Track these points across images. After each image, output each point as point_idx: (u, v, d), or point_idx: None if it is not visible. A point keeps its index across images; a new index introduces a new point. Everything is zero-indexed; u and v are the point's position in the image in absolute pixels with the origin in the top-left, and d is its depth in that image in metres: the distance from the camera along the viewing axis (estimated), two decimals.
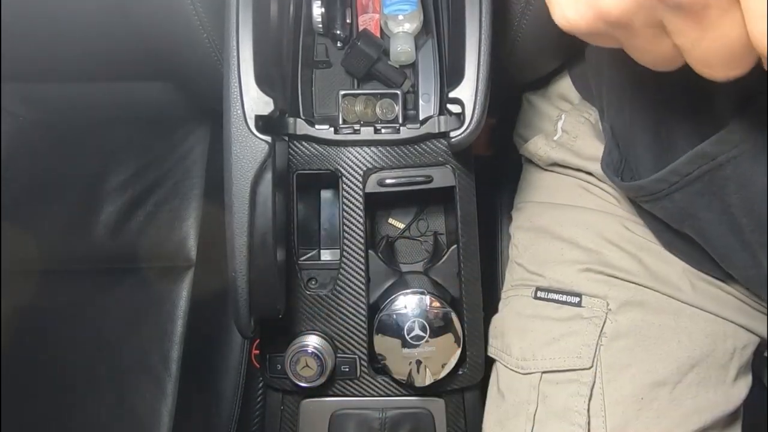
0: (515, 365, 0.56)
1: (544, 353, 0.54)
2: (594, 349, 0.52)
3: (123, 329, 0.87)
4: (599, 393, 0.51)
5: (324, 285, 0.59)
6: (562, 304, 0.55)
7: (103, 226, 0.94)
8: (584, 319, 0.53)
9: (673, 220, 0.48)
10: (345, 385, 0.60)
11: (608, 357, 0.52)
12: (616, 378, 0.51)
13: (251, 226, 0.46)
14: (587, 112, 0.60)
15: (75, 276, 0.91)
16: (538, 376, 0.54)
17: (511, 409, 0.55)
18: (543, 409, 0.53)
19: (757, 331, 0.54)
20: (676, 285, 0.53)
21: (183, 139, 0.98)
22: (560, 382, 0.53)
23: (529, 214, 0.63)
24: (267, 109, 0.47)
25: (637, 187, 0.47)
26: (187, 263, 0.91)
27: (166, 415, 0.83)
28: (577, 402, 0.51)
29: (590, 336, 0.52)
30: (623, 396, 0.51)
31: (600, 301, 0.53)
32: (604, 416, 0.50)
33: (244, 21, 0.46)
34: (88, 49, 0.71)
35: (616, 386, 0.51)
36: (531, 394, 0.53)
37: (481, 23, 0.48)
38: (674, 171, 0.42)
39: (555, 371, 0.53)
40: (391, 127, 0.54)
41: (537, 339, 0.55)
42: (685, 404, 0.50)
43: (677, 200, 0.44)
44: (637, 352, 0.52)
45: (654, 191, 0.45)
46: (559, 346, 0.53)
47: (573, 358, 0.52)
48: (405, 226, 0.64)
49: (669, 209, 0.47)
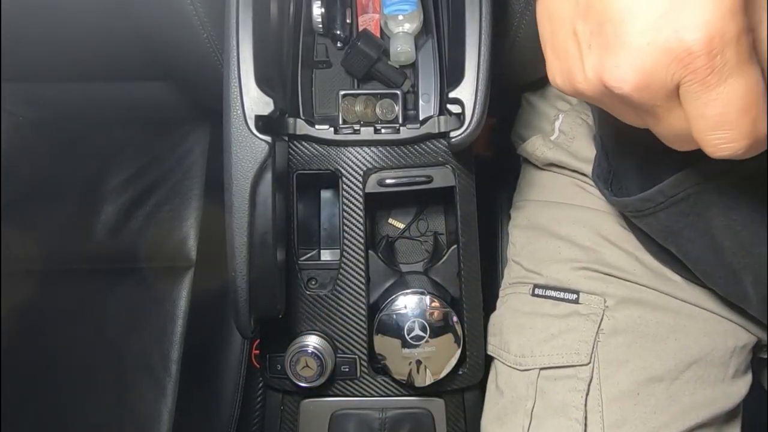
0: (513, 362, 0.56)
1: (542, 350, 0.54)
2: (591, 345, 0.52)
3: (123, 329, 0.87)
4: (596, 388, 0.51)
5: (324, 285, 0.59)
6: (559, 301, 0.55)
7: (103, 226, 0.94)
8: (582, 316, 0.54)
9: (657, 235, 0.49)
10: (345, 385, 0.60)
11: (606, 353, 0.52)
12: (613, 374, 0.51)
13: (251, 226, 0.46)
14: (585, 113, 0.60)
15: (75, 276, 0.91)
16: (536, 373, 0.54)
17: (510, 405, 0.55)
18: (541, 405, 0.53)
19: (754, 331, 0.54)
20: (674, 283, 0.53)
21: (183, 139, 0.98)
22: (558, 378, 0.53)
23: (527, 213, 0.63)
24: (267, 109, 0.47)
25: (624, 204, 0.48)
26: (187, 263, 0.91)
27: (166, 415, 0.83)
28: (575, 397, 0.51)
29: (588, 332, 0.53)
30: (620, 391, 0.51)
31: (597, 298, 0.54)
32: (601, 411, 0.51)
33: (244, 21, 0.46)
34: (88, 49, 0.71)
35: (613, 382, 0.51)
36: (529, 390, 0.54)
37: (481, 23, 0.48)
38: (660, 192, 0.43)
39: (553, 367, 0.53)
40: (391, 127, 0.54)
41: (535, 336, 0.55)
42: (682, 400, 0.51)
43: (662, 218, 0.45)
44: (634, 349, 0.52)
45: (640, 209, 0.46)
46: (557, 342, 0.54)
47: (571, 354, 0.53)
48: (405, 226, 0.64)
49: (654, 225, 0.47)
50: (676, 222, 0.44)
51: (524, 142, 0.65)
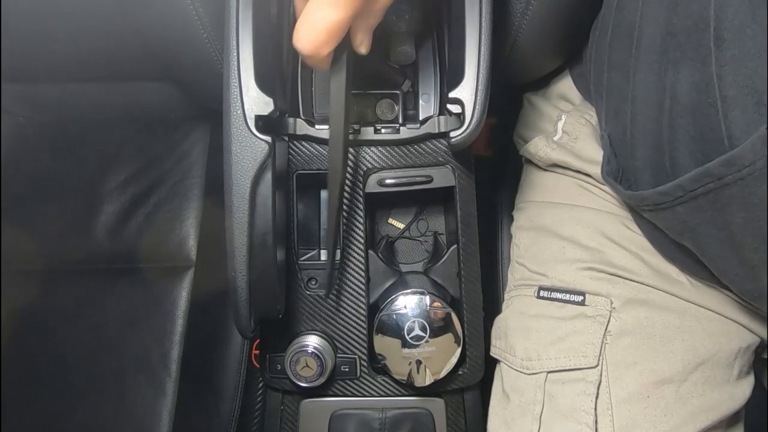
0: (520, 365, 0.55)
1: (549, 353, 0.53)
2: (599, 347, 0.52)
3: (123, 329, 0.87)
4: (606, 391, 0.51)
5: (324, 285, 0.59)
6: (565, 303, 0.55)
7: (103, 226, 0.94)
8: (588, 318, 0.53)
9: (673, 231, 0.48)
10: (345, 385, 0.60)
11: (614, 355, 0.52)
12: (622, 376, 0.51)
13: (251, 226, 0.46)
14: (588, 113, 0.60)
15: (75, 276, 0.91)
16: (543, 376, 0.53)
17: (517, 410, 0.55)
18: (549, 409, 0.52)
19: (757, 331, 0.54)
20: (679, 284, 0.53)
21: (183, 139, 0.98)
22: (566, 381, 0.52)
23: (530, 214, 0.63)
24: (267, 109, 0.47)
25: (641, 197, 0.47)
26: (187, 263, 0.91)
27: (166, 415, 0.83)
28: (584, 401, 0.51)
29: (595, 334, 0.52)
30: (630, 394, 0.50)
31: (604, 300, 0.53)
32: (611, 415, 0.50)
33: (244, 21, 0.46)
34: (88, 49, 0.72)
35: (622, 384, 0.51)
36: (537, 395, 0.53)
37: (481, 23, 0.48)
38: (680, 186, 0.42)
39: (560, 371, 0.53)
40: (391, 127, 0.54)
41: (541, 339, 0.55)
42: (692, 402, 0.50)
43: (679, 212, 0.44)
44: (642, 350, 0.51)
45: (657, 202, 0.45)
46: (564, 345, 0.53)
47: (578, 357, 0.52)
48: (405, 226, 0.64)
49: (670, 220, 0.46)
50: (694, 217, 0.43)
51: (527, 143, 0.65)
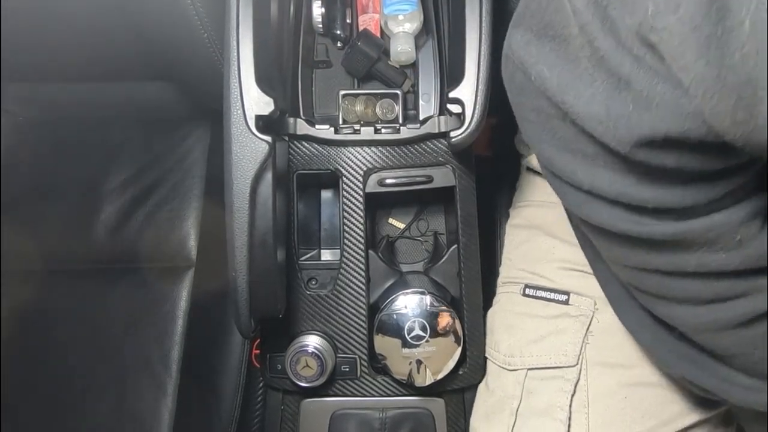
0: (503, 361, 0.56)
1: (531, 350, 0.54)
2: (580, 346, 0.53)
3: (123, 329, 0.87)
4: (583, 389, 0.52)
5: (324, 285, 0.59)
6: (549, 302, 0.55)
7: (103, 226, 0.94)
8: (571, 317, 0.54)
9: None
10: (345, 385, 0.60)
11: (594, 355, 0.52)
12: (600, 375, 0.52)
13: (251, 226, 0.46)
14: None
15: (75, 276, 0.91)
16: (523, 373, 0.54)
17: (497, 404, 0.56)
18: (526, 405, 0.53)
19: None
20: None
21: (183, 139, 0.98)
22: (545, 378, 0.53)
23: (526, 213, 0.63)
24: (267, 109, 0.47)
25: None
26: (187, 263, 0.91)
27: (166, 415, 0.83)
28: (561, 398, 0.52)
29: (577, 334, 0.53)
30: (607, 393, 0.51)
31: (587, 300, 0.54)
32: (587, 412, 0.51)
33: (244, 21, 0.46)
34: (88, 49, 0.72)
35: (600, 383, 0.52)
36: (516, 390, 0.54)
37: (481, 23, 0.48)
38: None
39: (540, 368, 0.54)
40: (391, 127, 0.54)
41: (524, 336, 0.55)
42: (671, 408, 0.51)
43: None
44: (623, 351, 0.52)
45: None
46: (546, 343, 0.54)
47: (559, 355, 0.53)
48: (405, 226, 0.64)
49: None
50: None
51: (530, 154, 0.64)
